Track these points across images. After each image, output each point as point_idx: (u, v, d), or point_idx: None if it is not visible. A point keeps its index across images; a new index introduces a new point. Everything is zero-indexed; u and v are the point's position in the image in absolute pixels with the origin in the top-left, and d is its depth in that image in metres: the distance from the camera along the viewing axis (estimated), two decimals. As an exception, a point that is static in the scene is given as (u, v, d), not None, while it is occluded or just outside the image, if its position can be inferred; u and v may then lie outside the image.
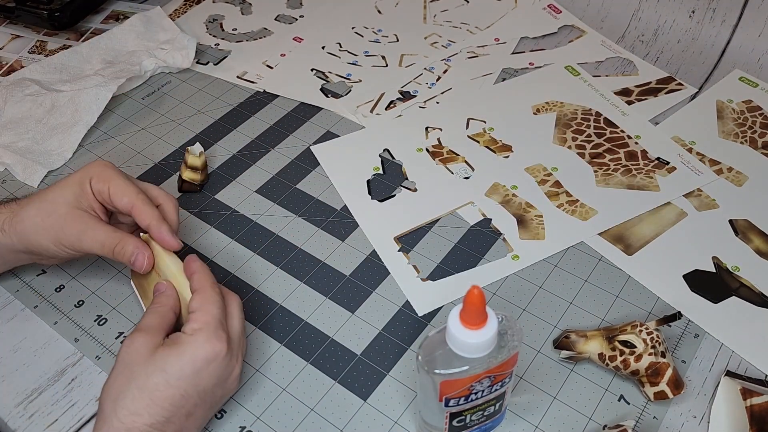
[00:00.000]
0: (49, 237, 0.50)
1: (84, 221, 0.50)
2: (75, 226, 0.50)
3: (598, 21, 0.85)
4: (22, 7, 0.85)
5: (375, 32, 0.86)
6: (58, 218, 0.50)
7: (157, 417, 0.42)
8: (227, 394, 0.47)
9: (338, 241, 0.61)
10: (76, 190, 0.51)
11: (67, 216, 0.50)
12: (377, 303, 0.56)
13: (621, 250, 0.59)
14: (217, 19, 0.89)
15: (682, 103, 0.74)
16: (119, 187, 0.51)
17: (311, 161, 0.69)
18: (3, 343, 0.55)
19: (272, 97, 0.77)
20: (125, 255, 0.50)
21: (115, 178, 0.51)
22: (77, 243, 0.50)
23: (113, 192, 0.51)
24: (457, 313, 0.38)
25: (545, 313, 0.55)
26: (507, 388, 0.43)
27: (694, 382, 0.51)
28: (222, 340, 0.44)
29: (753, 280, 0.57)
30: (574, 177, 0.66)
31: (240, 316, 0.48)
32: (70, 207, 0.50)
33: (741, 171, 0.66)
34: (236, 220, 0.64)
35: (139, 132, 0.73)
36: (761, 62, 0.77)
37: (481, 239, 0.61)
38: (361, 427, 0.49)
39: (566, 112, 0.73)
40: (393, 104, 0.75)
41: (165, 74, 0.81)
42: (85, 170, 0.52)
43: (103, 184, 0.51)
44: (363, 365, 0.52)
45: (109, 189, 0.51)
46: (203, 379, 0.44)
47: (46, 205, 0.51)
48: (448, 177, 0.67)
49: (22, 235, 0.51)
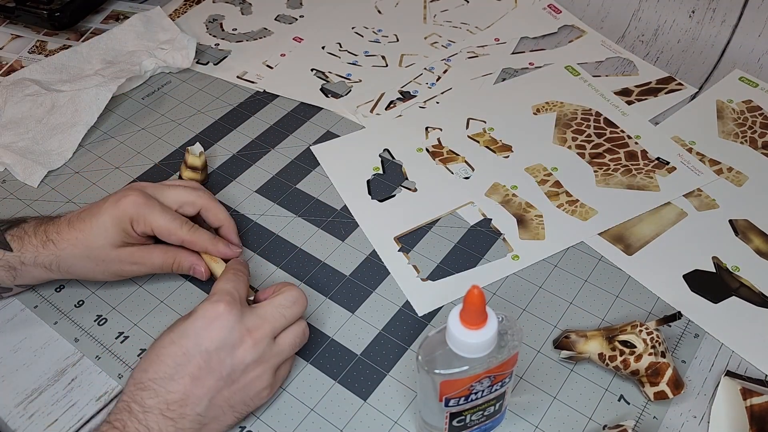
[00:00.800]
0: (105, 276, 0.54)
1: (137, 255, 0.53)
2: (130, 263, 0.53)
3: (598, 21, 0.85)
4: (22, 7, 0.85)
5: (375, 32, 0.86)
6: (111, 263, 0.53)
7: (159, 373, 0.43)
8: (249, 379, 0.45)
9: (338, 241, 0.61)
10: (119, 232, 0.52)
11: (120, 255, 0.53)
12: (377, 303, 0.56)
13: (621, 250, 0.59)
14: (217, 19, 0.89)
15: (682, 103, 0.74)
16: (162, 227, 0.52)
17: (311, 161, 0.69)
18: (3, 343, 0.55)
19: (272, 97, 0.77)
20: (184, 269, 0.55)
21: (152, 217, 0.52)
22: (137, 273, 0.54)
23: (158, 233, 0.53)
24: (457, 313, 0.38)
25: (545, 313, 0.55)
26: (507, 388, 0.43)
27: (694, 382, 0.51)
28: (225, 302, 0.45)
29: (753, 280, 0.57)
30: (574, 177, 0.66)
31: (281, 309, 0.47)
32: (118, 248, 0.52)
33: (741, 171, 0.66)
34: (236, 220, 0.63)
35: (139, 132, 0.73)
36: (761, 62, 0.77)
37: (481, 239, 0.61)
38: (361, 427, 0.49)
39: (566, 112, 0.73)
40: (393, 104, 0.75)
41: (165, 74, 0.81)
42: (121, 210, 0.51)
43: (146, 227, 0.52)
44: (363, 365, 0.52)
45: (153, 230, 0.53)
46: (205, 339, 0.44)
47: (96, 253, 0.52)
48: (448, 177, 0.67)
49: (74, 275, 0.54)
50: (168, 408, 0.43)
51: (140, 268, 0.54)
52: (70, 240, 0.52)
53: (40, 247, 0.52)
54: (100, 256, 0.52)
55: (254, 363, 0.45)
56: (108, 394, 0.51)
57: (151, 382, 0.43)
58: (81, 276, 0.54)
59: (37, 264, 0.52)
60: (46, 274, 0.53)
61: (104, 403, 0.51)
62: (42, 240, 0.52)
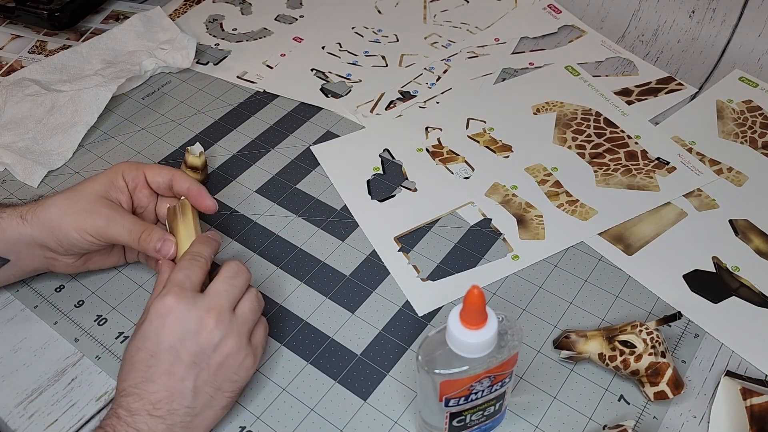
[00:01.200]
0: (74, 223, 0.51)
1: (112, 208, 0.53)
2: (103, 213, 0.52)
3: (598, 21, 0.85)
4: (22, 7, 0.85)
5: (375, 32, 0.86)
6: (86, 204, 0.52)
7: (136, 379, 0.44)
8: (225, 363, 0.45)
9: (338, 241, 0.61)
10: (105, 182, 0.54)
11: (96, 202, 0.52)
12: (377, 303, 0.56)
13: (621, 250, 0.59)
14: (217, 19, 0.89)
15: (682, 103, 0.74)
16: (154, 168, 0.55)
17: (311, 161, 0.69)
18: (3, 343, 0.55)
19: (272, 97, 0.77)
20: (151, 242, 0.52)
21: (147, 165, 0.55)
22: (103, 229, 0.52)
23: (149, 173, 0.55)
24: (457, 313, 0.38)
25: (545, 313, 0.55)
26: (507, 388, 0.43)
27: (694, 382, 0.51)
28: (172, 294, 0.45)
29: (753, 280, 0.57)
30: (574, 177, 0.66)
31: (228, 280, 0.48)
32: (98, 196, 0.53)
33: (741, 171, 0.66)
34: (236, 220, 0.64)
35: (139, 132, 0.73)
36: (761, 62, 0.77)
37: (481, 239, 0.61)
38: (361, 427, 0.49)
39: (566, 112, 0.73)
40: (393, 104, 0.75)
41: (165, 74, 0.81)
42: (116, 167, 0.55)
43: (137, 171, 0.55)
44: (363, 365, 0.52)
45: (145, 173, 0.55)
46: (165, 336, 0.45)
47: (74, 194, 0.53)
48: (448, 177, 0.67)
49: (44, 223, 0.52)
50: (154, 408, 0.44)
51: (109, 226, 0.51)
52: (53, 196, 0.53)
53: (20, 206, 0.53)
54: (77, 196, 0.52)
55: (223, 340, 0.46)
56: (108, 394, 0.51)
57: (132, 388, 0.44)
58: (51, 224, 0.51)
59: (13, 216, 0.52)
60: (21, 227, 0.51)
61: (104, 403, 0.51)
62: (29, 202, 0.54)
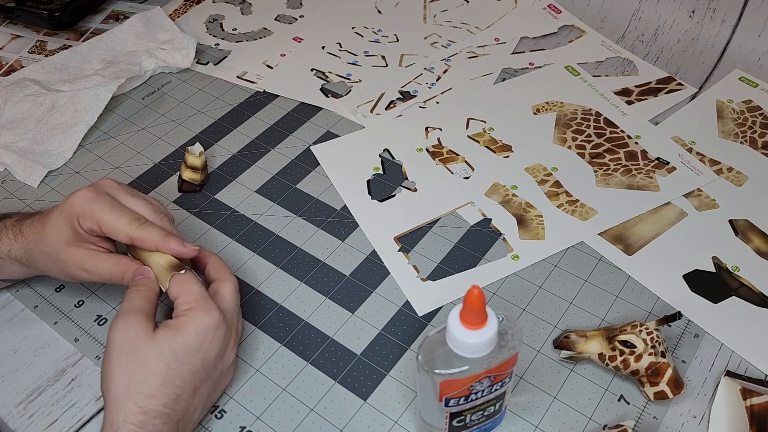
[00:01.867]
0: (62, 276, 0.51)
1: (87, 261, 0.49)
2: (79, 267, 0.49)
3: (598, 21, 0.85)
4: (22, 7, 0.85)
5: (375, 32, 0.86)
6: (63, 264, 0.50)
7: (170, 396, 0.43)
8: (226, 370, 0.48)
9: (338, 241, 0.61)
10: (68, 229, 0.49)
11: (68, 259, 0.49)
12: (377, 303, 0.56)
13: (621, 250, 0.59)
14: (217, 19, 0.89)
15: (682, 103, 0.74)
16: (109, 223, 0.48)
17: (311, 161, 0.69)
18: (3, 343, 0.55)
19: (272, 97, 0.77)
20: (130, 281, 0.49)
21: (99, 212, 0.48)
22: (88, 279, 0.51)
23: (105, 230, 0.49)
24: (457, 313, 0.38)
25: (545, 313, 0.55)
26: (507, 388, 0.43)
27: (694, 382, 0.51)
28: (215, 309, 0.46)
29: (753, 280, 0.57)
30: (574, 177, 0.66)
31: (233, 294, 0.50)
32: (69, 248, 0.49)
33: (741, 171, 0.66)
34: (236, 220, 0.64)
35: (139, 132, 0.73)
36: (761, 62, 0.77)
37: (481, 239, 0.61)
38: (361, 427, 0.49)
39: (566, 112, 0.73)
40: (393, 104, 0.75)
41: (165, 74, 0.81)
42: (69, 207, 0.49)
43: (92, 223, 0.48)
44: (363, 365, 0.52)
45: (100, 227, 0.49)
46: (207, 351, 0.45)
47: (50, 250, 0.50)
48: (448, 177, 0.67)
49: (41, 271, 0.53)
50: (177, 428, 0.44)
51: (91, 276, 0.50)
52: (35, 234, 0.51)
53: (13, 241, 0.52)
54: (53, 253, 0.50)
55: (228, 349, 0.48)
56: (108, 394, 0.51)
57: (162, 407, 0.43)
58: (46, 273, 0.52)
59: (11, 258, 0.52)
60: (21, 269, 0.53)
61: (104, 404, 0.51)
62: (15, 233, 0.52)
